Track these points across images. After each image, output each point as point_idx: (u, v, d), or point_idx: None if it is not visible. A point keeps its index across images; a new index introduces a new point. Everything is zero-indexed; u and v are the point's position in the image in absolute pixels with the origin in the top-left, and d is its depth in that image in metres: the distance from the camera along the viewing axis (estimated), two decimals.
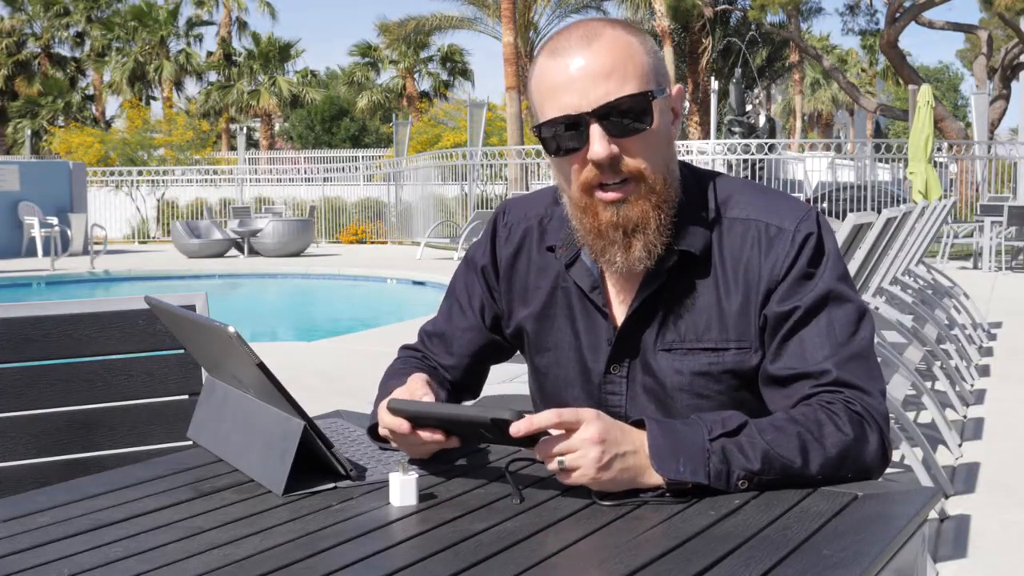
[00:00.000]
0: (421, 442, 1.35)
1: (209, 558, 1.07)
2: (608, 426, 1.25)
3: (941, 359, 5.41)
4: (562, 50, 1.41)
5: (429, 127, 27.54)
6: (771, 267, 1.43)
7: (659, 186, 1.42)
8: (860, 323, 1.42)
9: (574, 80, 1.39)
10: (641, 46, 1.42)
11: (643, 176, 1.41)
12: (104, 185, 23.47)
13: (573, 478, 1.23)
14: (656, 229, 1.42)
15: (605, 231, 1.42)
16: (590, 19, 1.47)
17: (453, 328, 1.66)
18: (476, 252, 1.66)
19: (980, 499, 3.71)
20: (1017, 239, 13.66)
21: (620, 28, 1.43)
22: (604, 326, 1.51)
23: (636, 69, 1.40)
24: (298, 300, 14.46)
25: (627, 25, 1.46)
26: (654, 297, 1.47)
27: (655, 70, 1.43)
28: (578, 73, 1.39)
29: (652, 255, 1.43)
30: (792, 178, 20.87)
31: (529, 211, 1.62)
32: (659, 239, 1.42)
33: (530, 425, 1.22)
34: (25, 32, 47.13)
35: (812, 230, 1.45)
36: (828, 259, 1.44)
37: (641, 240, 1.42)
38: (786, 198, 1.50)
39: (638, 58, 1.41)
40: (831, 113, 51.07)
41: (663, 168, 1.43)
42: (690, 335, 1.46)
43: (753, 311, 1.44)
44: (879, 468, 1.35)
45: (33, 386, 1.85)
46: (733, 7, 32.39)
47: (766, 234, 1.45)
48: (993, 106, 24.40)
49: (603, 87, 1.38)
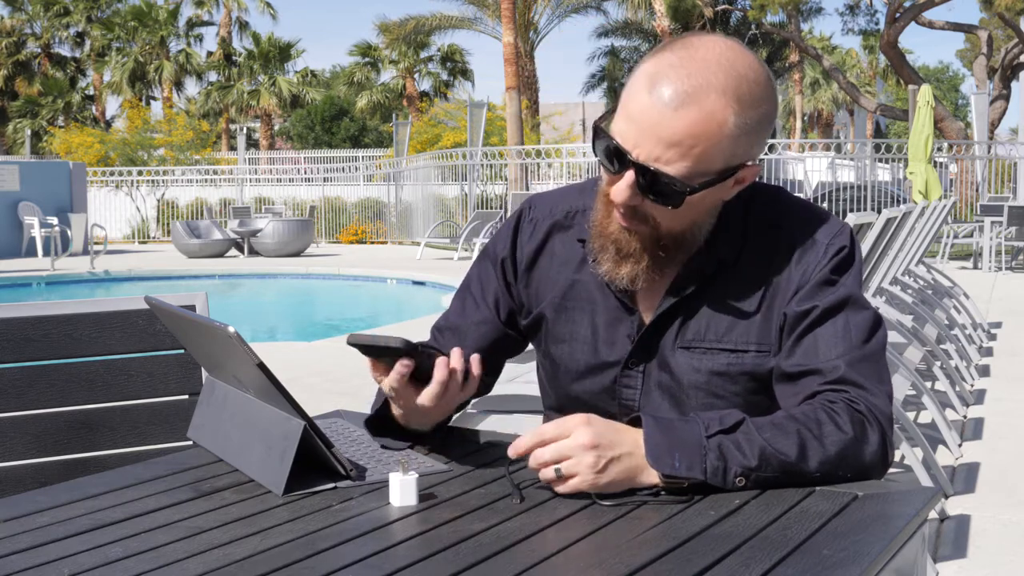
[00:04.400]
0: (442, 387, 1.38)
1: (209, 558, 1.07)
2: (600, 430, 1.25)
3: (941, 359, 5.41)
4: (660, 84, 1.32)
5: (429, 127, 27.53)
6: (801, 274, 1.45)
7: (672, 238, 1.43)
8: (875, 330, 1.43)
9: (644, 123, 1.33)
10: (733, 128, 1.33)
11: (658, 228, 1.42)
12: (104, 185, 23.48)
13: (571, 485, 1.24)
14: (647, 266, 1.44)
15: (604, 243, 1.45)
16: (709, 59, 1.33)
17: (466, 321, 1.65)
18: (495, 246, 1.66)
19: (980, 499, 3.71)
20: (1017, 239, 13.66)
21: (727, 97, 1.32)
22: (627, 321, 1.51)
23: (703, 155, 1.33)
24: (298, 300, 14.46)
25: (740, 89, 1.33)
26: (682, 298, 1.48)
27: (728, 157, 1.35)
28: (648, 122, 1.32)
29: (636, 283, 1.45)
30: (792, 178, 20.87)
31: (555, 207, 1.62)
32: (647, 272, 1.44)
33: (516, 450, 1.26)
34: (25, 32, 47.14)
35: (845, 244, 1.46)
36: (853, 269, 1.46)
37: (629, 267, 1.44)
38: (821, 211, 1.51)
39: (715, 143, 1.33)
40: (831, 113, 51.06)
41: (686, 228, 1.43)
42: (711, 335, 1.46)
43: (776, 315, 1.45)
44: (880, 468, 1.35)
45: (33, 386, 1.85)
46: (733, 7, 32.40)
47: (800, 245, 1.46)
48: (993, 106, 24.40)
49: (659, 150, 1.32)
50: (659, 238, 1.43)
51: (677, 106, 1.31)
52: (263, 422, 1.35)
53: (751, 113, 1.35)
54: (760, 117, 1.36)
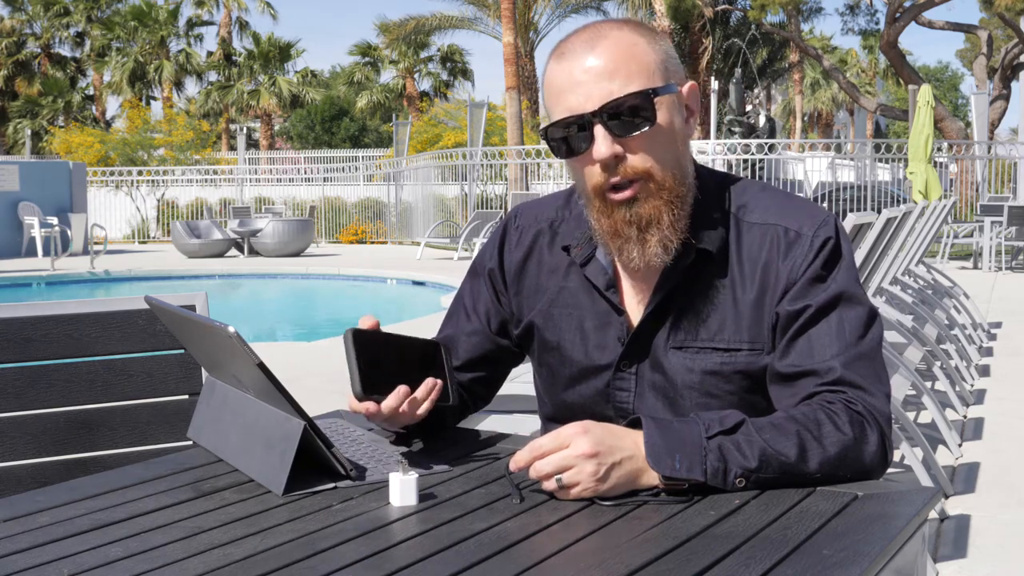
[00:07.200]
0: (393, 412, 1.39)
1: (209, 558, 1.07)
2: (599, 436, 1.25)
3: (941, 359, 5.41)
4: (568, 53, 1.43)
5: (429, 127, 27.52)
6: (789, 270, 1.44)
7: (669, 183, 1.43)
8: (870, 326, 1.42)
9: (578, 82, 1.40)
10: (648, 45, 1.43)
11: (650, 174, 1.41)
12: (104, 185, 23.48)
13: (573, 494, 1.24)
14: (670, 224, 1.43)
15: (620, 229, 1.44)
16: (598, 22, 1.48)
17: (458, 332, 1.66)
18: (483, 258, 1.67)
19: (980, 499, 3.71)
20: (1017, 239, 13.66)
21: (627, 28, 1.44)
22: (616, 324, 1.51)
23: (640, 68, 1.40)
24: (298, 300, 14.46)
25: (635, 24, 1.46)
26: (669, 295, 1.47)
27: (663, 67, 1.43)
28: (582, 75, 1.40)
29: (668, 250, 1.43)
30: (792, 178, 20.87)
31: (540, 215, 1.63)
32: (674, 234, 1.43)
33: (516, 465, 1.26)
34: (25, 32, 47.13)
35: (831, 235, 1.45)
36: (843, 263, 1.45)
37: (656, 235, 1.43)
38: (805, 203, 1.51)
39: (643, 57, 1.41)
40: (831, 113, 51.06)
41: (673, 165, 1.43)
42: (703, 334, 1.46)
43: (767, 313, 1.44)
44: (879, 469, 1.35)
45: (33, 386, 1.85)
46: (733, 7, 32.39)
47: (785, 238, 1.45)
48: (993, 106, 24.41)
49: (606, 87, 1.39)
50: (660, 189, 1.42)
51: (592, 49, 1.41)
52: (263, 422, 1.35)
53: (657, 39, 1.45)
54: (667, 47, 1.46)
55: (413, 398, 1.40)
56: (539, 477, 1.25)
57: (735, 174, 1.57)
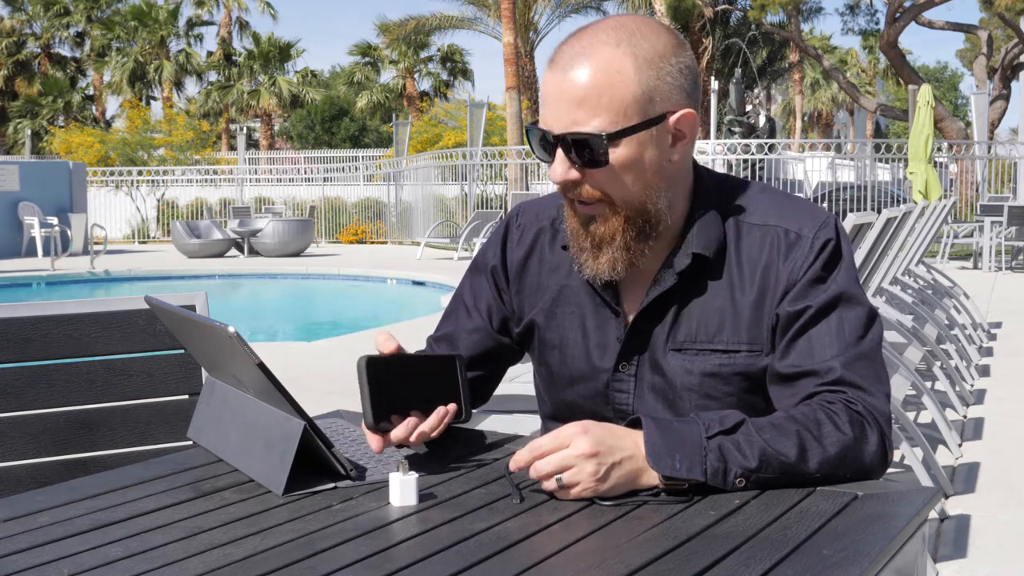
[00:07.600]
0: (401, 443, 1.39)
1: (209, 558, 1.07)
2: (599, 436, 1.25)
3: (941, 359, 5.41)
4: (555, 63, 1.39)
5: (429, 127, 27.53)
6: (789, 271, 1.43)
7: (632, 205, 1.41)
8: (870, 326, 1.42)
9: (552, 99, 1.39)
10: (636, 72, 1.35)
11: (610, 199, 1.41)
12: (104, 185, 23.48)
13: (573, 494, 1.24)
14: (624, 245, 1.42)
15: (578, 236, 1.45)
16: (600, 27, 1.40)
17: (459, 330, 1.66)
18: (485, 255, 1.67)
19: (980, 499, 3.71)
20: (1017, 239, 13.66)
21: (622, 48, 1.36)
22: (614, 323, 1.51)
23: (612, 102, 1.35)
24: (298, 300, 14.46)
25: (636, 43, 1.37)
26: (667, 296, 1.47)
27: (644, 99, 1.36)
28: (556, 93, 1.38)
29: (616, 270, 1.43)
30: (792, 178, 20.88)
31: (541, 213, 1.63)
32: (625, 255, 1.43)
33: (516, 465, 1.26)
34: (25, 32, 47.14)
35: (831, 236, 1.45)
36: (843, 264, 1.45)
37: (608, 254, 1.43)
38: (805, 204, 1.50)
39: (621, 89, 1.35)
40: (831, 113, 51.06)
41: (640, 190, 1.40)
42: (702, 336, 1.46)
43: (767, 314, 1.44)
44: (879, 469, 1.35)
45: (33, 386, 1.85)
46: (733, 7, 32.39)
47: (785, 240, 1.45)
48: (993, 106, 24.41)
49: (572, 115, 1.36)
50: (617, 212, 1.41)
51: (574, 67, 1.36)
52: (263, 422, 1.35)
53: (648, 66, 1.36)
54: (659, 74, 1.37)
55: (422, 431, 1.40)
56: (539, 477, 1.25)
57: (735, 175, 1.56)
